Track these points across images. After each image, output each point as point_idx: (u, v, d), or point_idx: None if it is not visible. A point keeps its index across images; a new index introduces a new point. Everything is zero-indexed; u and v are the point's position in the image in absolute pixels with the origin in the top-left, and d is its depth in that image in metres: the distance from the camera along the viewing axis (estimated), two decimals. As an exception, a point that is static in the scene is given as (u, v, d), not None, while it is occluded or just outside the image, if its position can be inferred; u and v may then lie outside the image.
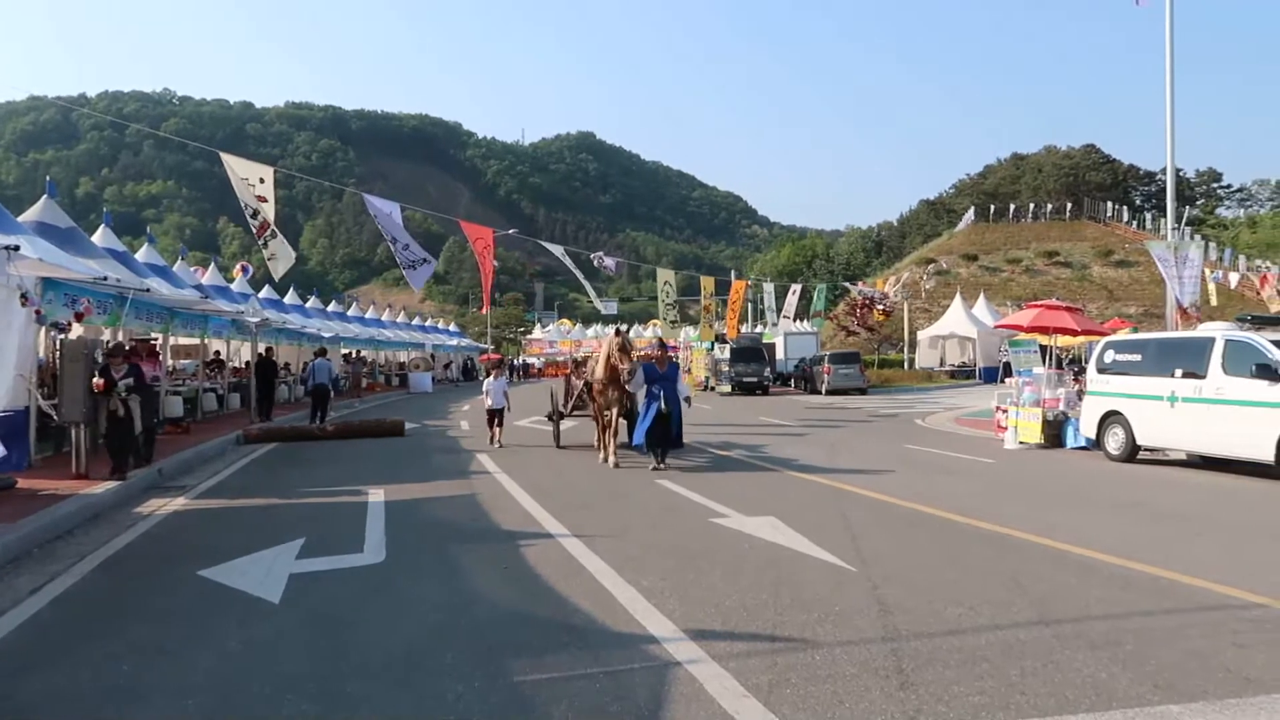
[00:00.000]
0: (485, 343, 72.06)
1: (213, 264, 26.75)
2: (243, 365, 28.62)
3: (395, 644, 5.11)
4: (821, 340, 51.09)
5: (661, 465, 12.92)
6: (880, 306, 51.57)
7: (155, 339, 19.53)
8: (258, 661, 4.85)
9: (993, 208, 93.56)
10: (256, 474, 13.19)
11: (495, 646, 5.03)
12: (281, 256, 15.88)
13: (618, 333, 14.27)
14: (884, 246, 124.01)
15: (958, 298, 51.80)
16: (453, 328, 69.47)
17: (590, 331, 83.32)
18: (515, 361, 69.73)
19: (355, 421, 20.87)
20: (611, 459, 13.44)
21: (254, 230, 15.47)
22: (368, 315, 46.07)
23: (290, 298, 33.76)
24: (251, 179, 15.33)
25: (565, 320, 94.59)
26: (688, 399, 13.81)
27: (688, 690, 4.30)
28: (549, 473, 12.91)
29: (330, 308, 39.13)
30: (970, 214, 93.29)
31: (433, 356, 52.45)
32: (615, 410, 13.89)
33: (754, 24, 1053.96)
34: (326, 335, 32.69)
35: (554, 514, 9.26)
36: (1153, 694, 4.23)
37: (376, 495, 10.58)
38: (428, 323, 60.42)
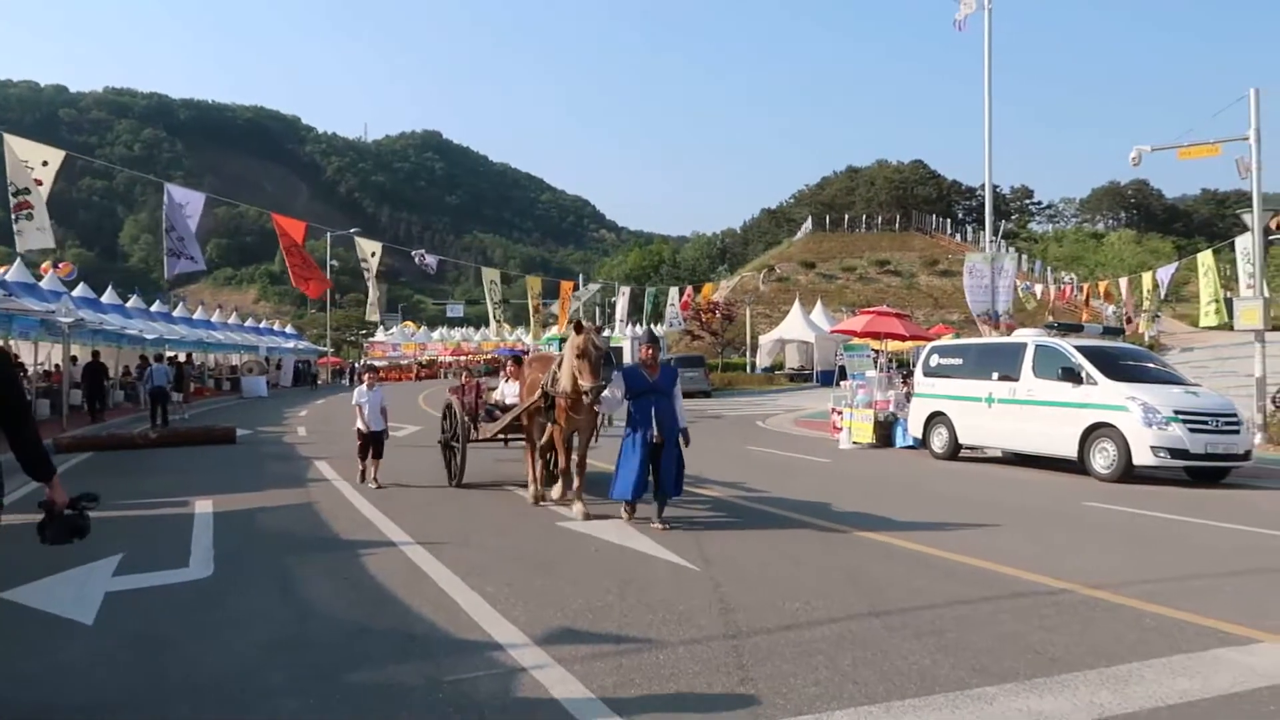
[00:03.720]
0: (325, 345, 69.44)
1: (18, 260, 24.66)
2: (54, 369, 26.76)
3: (224, 662, 4.84)
4: (668, 344, 51.96)
5: (663, 525, 8.46)
6: (714, 312, 52.98)
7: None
8: (66, 687, 4.49)
9: (829, 218, 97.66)
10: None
11: (333, 660, 4.85)
12: (30, 236, 14.42)
13: (579, 328, 9.09)
14: (728, 253, 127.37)
15: (796, 303, 53.79)
16: (289, 329, 66.61)
17: (436, 334, 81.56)
18: (356, 364, 67.48)
19: (181, 428, 19.70)
20: (579, 507, 9.18)
21: (11, 207, 14.25)
22: (196, 316, 43.57)
23: (109, 296, 31.44)
24: (32, 161, 14.24)
25: (409, 323, 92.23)
26: (684, 431, 8.79)
27: (533, 695, 4.27)
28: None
29: (154, 308, 36.76)
30: (809, 223, 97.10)
31: (267, 360, 50.13)
32: (584, 438, 9.60)
33: (600, 33, 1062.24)
34: (149, 337, 30.70)
35: (395, 520, 9.02)
36: (971, 677, 4.50)
37: (204, 506, 10.00)
38: (262, 324, 57.66)
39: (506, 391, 11.88)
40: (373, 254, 25.27)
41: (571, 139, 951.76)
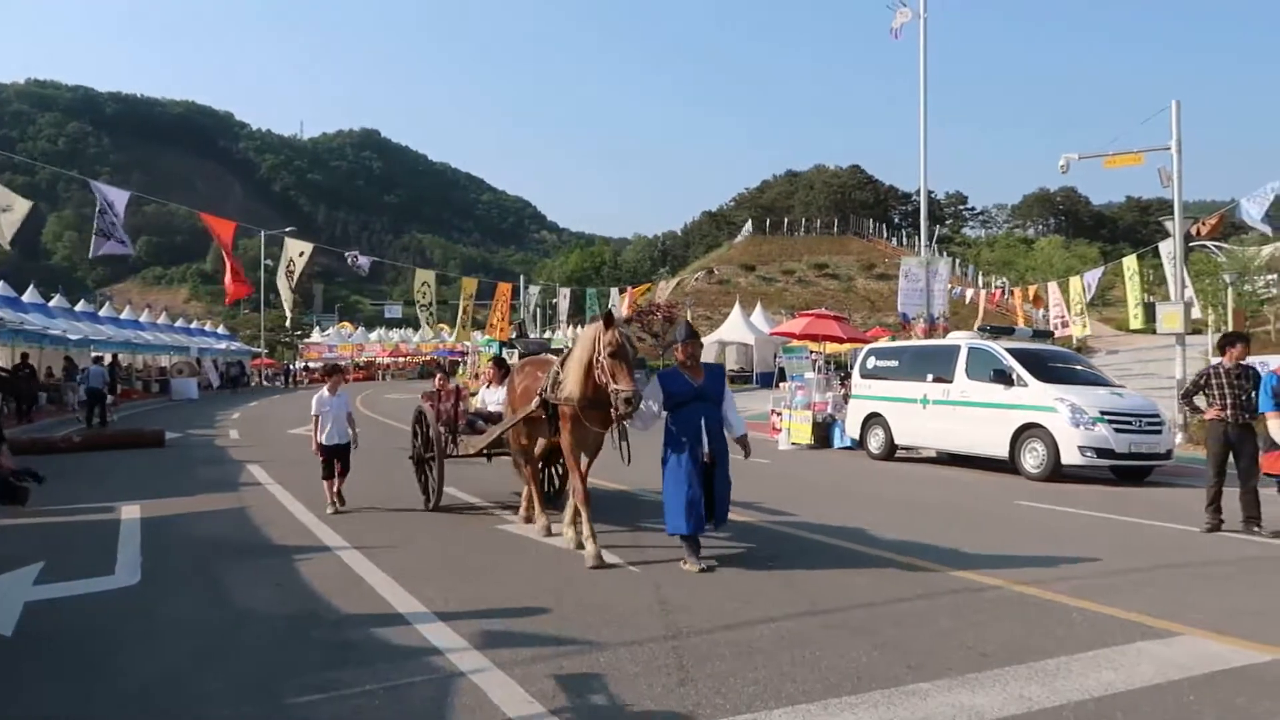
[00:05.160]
0: (259, 346, 67.95)
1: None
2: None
3: (153, 671, 4.71)
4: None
5: (704, 564, 6.91)
6: (656, 314, 53.22)
7: None
8: (-16, 702, 4.33)
9: (769, 221, 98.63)
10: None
11: (266, 668, 4.75)
12: None
13: (609, 321, 7.27)
14: (669, 255, 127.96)
15: (736, 306, 54.19)
16: (221, 330, 65.07)
17: (373, 335, 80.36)
18: (290, 366, 66.20)
19: (107, 431, 19.12)
20: (588, 545, 7.21)
21: None
22: (123, 316, 42.33)
23: (30, 295, 30.40)
24: None
25: (346, 323, 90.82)
26: (743, 440, 7.46)
27: (471, 700, 4.23)
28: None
29: (79, 307, 35.62)
30: (748, 226, 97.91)
31: (199, 361, 48.90)
32: (589, 458, 7.86)
33: (539, 34, 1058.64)
34: (73, 338, 29.75)
35: (330, 524, 8.87)
36: (906, 674, 4.58)
37: (131, 512, 9.71)
38: (193, 324, 56.24)
39: (488, 399, 10.52)
40: (301, 254, 24.82)
41: (512, 139, 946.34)
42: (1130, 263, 24.63)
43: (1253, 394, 8.91)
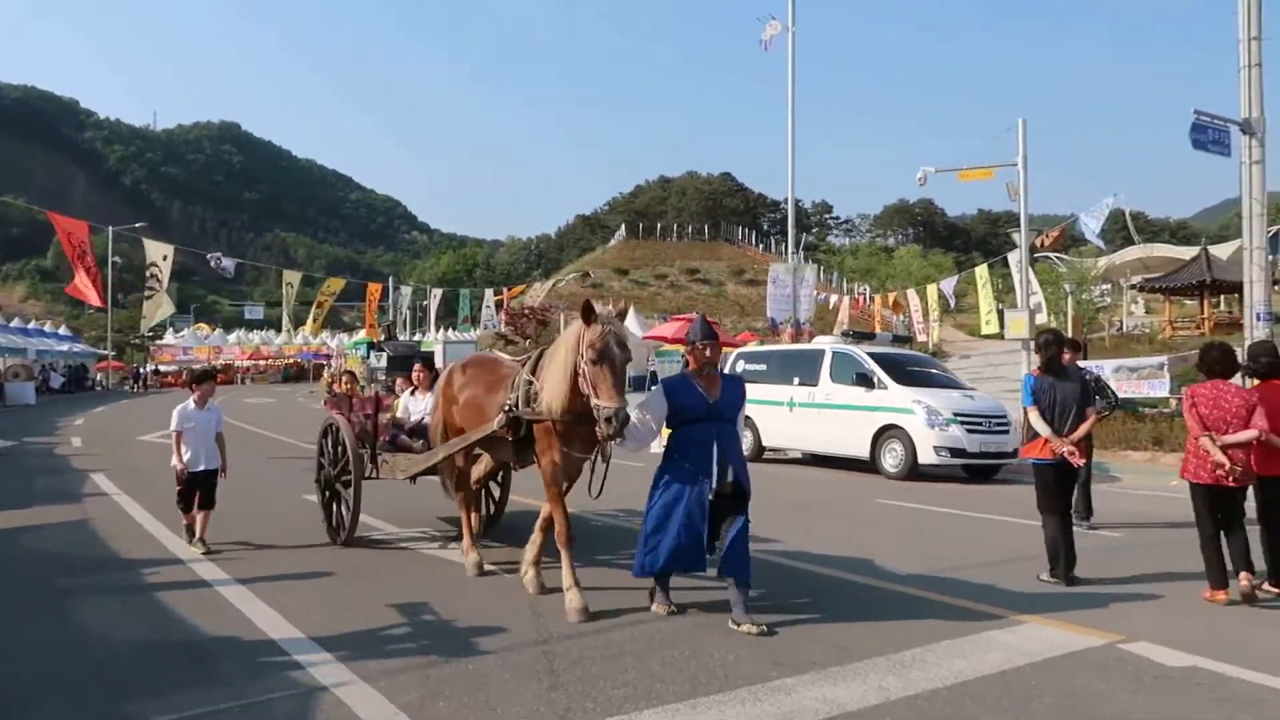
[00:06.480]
0: (105, 348, 64.04)
1: None
2: None
3: (-19, 699, 4.37)
4: (482, 349, 51.38)
5: (755, 625, 5.33)
6: (529, 317, 53.05)
7: None
8: None
9: (642, 226, 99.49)
10: None
11: (114, 689, 4.48)
12: None
13: (589, 314, 5.91)
14: (543, 258, 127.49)
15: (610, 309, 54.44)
16: (64, 330, 61.04)
17: (232, 338, 76.78)
18: (141, 369, 62.66)
19: (-69, 440, 17.65)
20: (570, 594, 5.79)
21: None
22: (-51, 315, 39.14)
23: None
24: None
25: (202, 325, 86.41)
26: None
27: (334, 715, 4.10)
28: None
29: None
30: (622, 230, 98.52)
31: (52, 365, 45.69)
32: (570, 483, 6.44)
33: (411, 27, 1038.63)
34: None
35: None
36: (772, 670, 4.70)
37: (-42, 526, 9.00)
38: (31, 324, 52.47)
39: (412, 408, 8.81)
40: (165, 257, 23.49)
41: (381, 137, 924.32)
42: (982, 272, 26.02)
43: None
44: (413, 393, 8.97)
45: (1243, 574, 6.19)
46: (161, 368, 65.03)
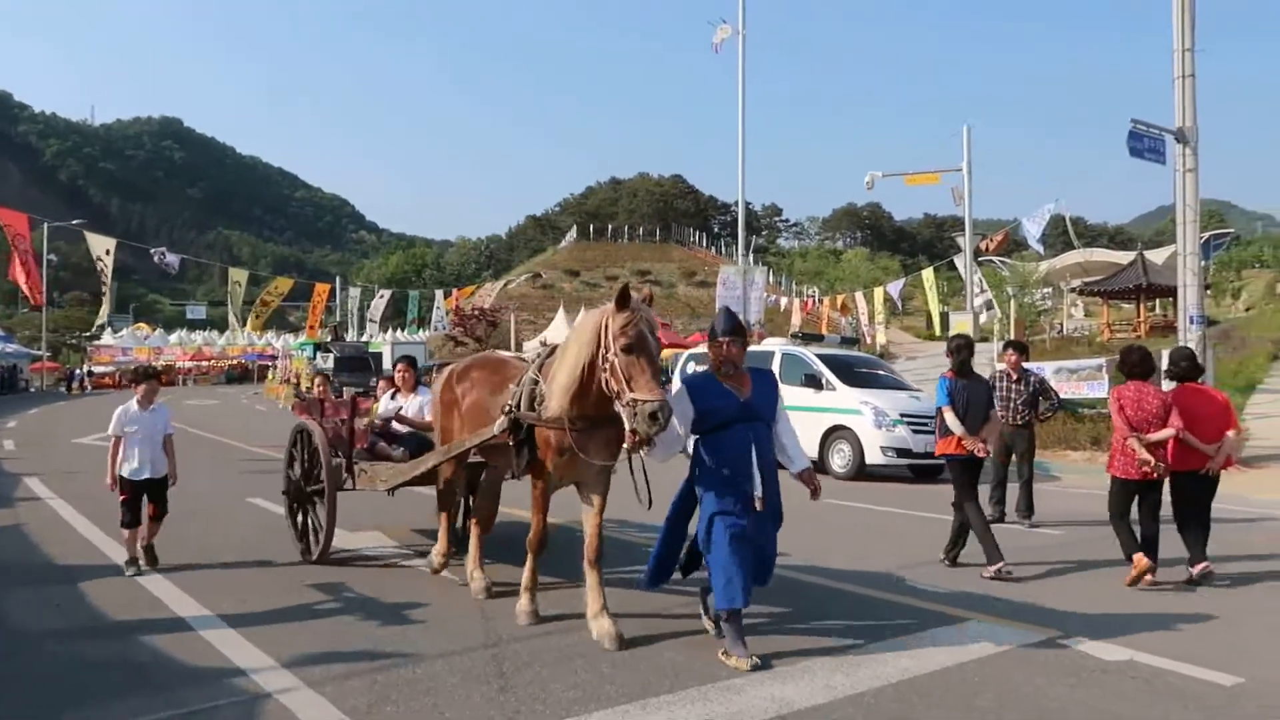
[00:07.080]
0: (40, 349, 62.23)
1: None
2: None
3: (-96, 712, 4.22)
4: (430, 350, 50.87)
5: (749, 661, 4.76)
6: (479, 318, 52.75)
7: None
8: None
9: (593, 227, 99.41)
10: None
11: (48, 698, 4.35)
12: None
13: (623, 301, 5.03)
14: (494, 258, 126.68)
15: (561, 310, 54.29)
16: (-4, 331, 59.21)
17: (173, 338, 75.07)
18: (78, 370, 60.95)
19: None
20: (523, 597, 5.73)
21: None
22: (-126, 314, 37.75)
23: None
24: None
25: (143, 325, 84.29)
26: (805, 474, 5.71)
27: (278, 722, 4.04)
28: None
29: None
30: (573, 232, 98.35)
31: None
32: (600, 498, 5.64)
33: (361, 20, 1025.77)
34: None
35: (119, 540, 8.19)
36: (721, 670, 4.73)
37: (-118, 533, 8.67)
38: (-39, 324, 50.82)
39: (394, 411, 7.93)
40: (107, 251, 22.90)
41: (328, 135, 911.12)
42: (928, 275, 26.45)
43: (1026, 398, 9.86)
44: (393, 395, 8.17)
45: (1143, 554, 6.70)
46: (97, 369, 63.25)
